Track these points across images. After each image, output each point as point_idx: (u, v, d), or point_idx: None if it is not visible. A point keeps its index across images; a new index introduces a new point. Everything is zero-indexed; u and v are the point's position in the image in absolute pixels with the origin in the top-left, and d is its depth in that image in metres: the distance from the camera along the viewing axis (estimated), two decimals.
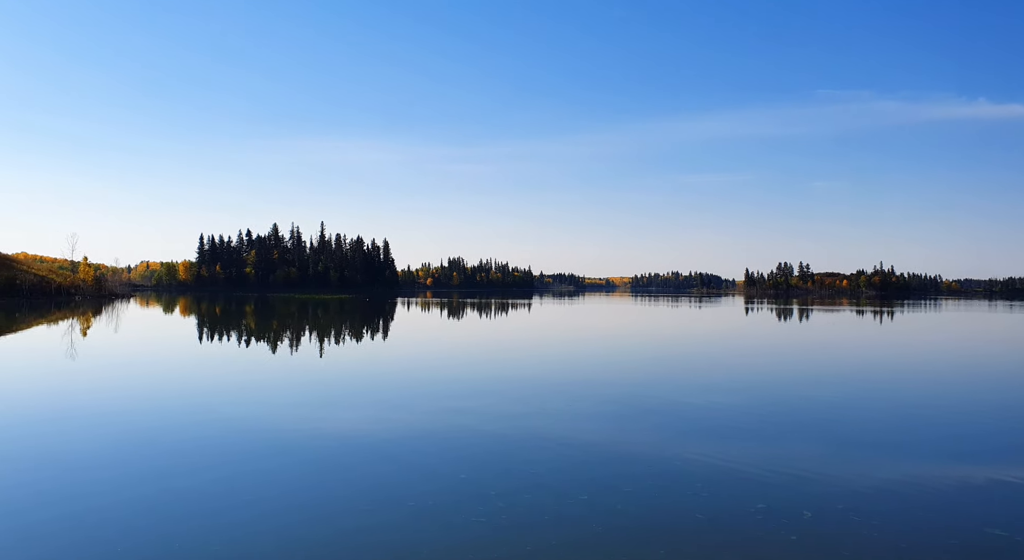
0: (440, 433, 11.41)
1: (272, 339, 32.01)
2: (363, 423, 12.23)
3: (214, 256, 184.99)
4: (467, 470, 9.16)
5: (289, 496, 8.05)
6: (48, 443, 10.59)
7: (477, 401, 14.59)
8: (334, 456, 9.91)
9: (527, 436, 11.23)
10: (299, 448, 10.40)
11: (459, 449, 10.31)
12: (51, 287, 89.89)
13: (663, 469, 9.34)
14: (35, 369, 20.69)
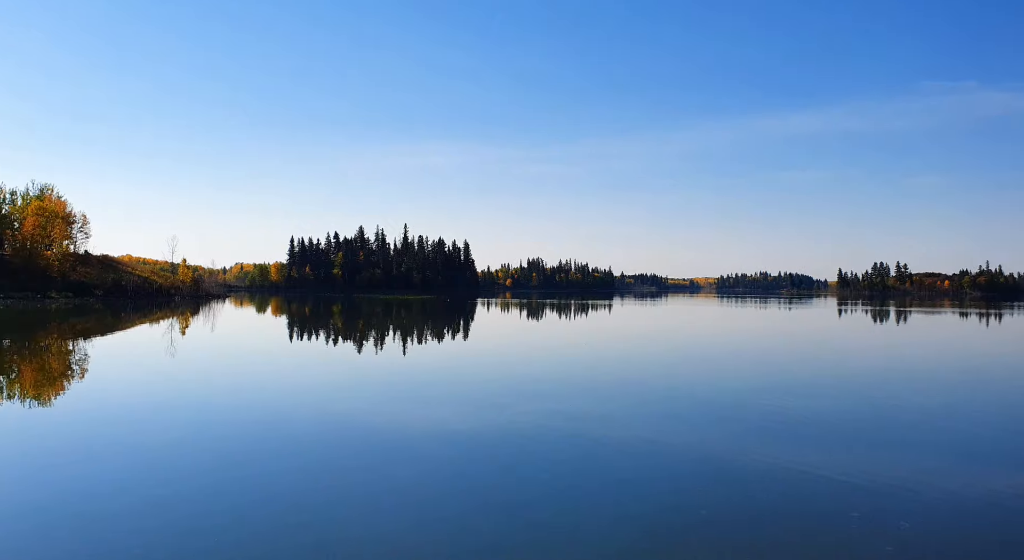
0: (531, 433, 11.22)
1: (359, 338, 32.70)
2: (454, 421, 12.17)
3: (303, 258, 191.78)
4: (551, 469, 8.94)
5: (392, 493, 8.02)
6: (148, 435, 11.01)
7: (566, 402, 14.34)
8: (427, 453, 9.86)
9: (614, 436, 10.90)
10: (390, 445, 10.41)
11: (547, 448, 10.10)
12: (153, 288, 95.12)
13: (754, 474, 8.84)
14: (138, 366, 21.75)
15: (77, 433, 10.97)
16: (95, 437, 10.72)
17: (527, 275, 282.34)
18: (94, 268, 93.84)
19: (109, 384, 16.88)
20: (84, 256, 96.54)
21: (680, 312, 69.88)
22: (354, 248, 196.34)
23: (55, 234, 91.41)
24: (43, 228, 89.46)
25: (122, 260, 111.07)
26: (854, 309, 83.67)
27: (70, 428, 11.36)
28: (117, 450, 9.87)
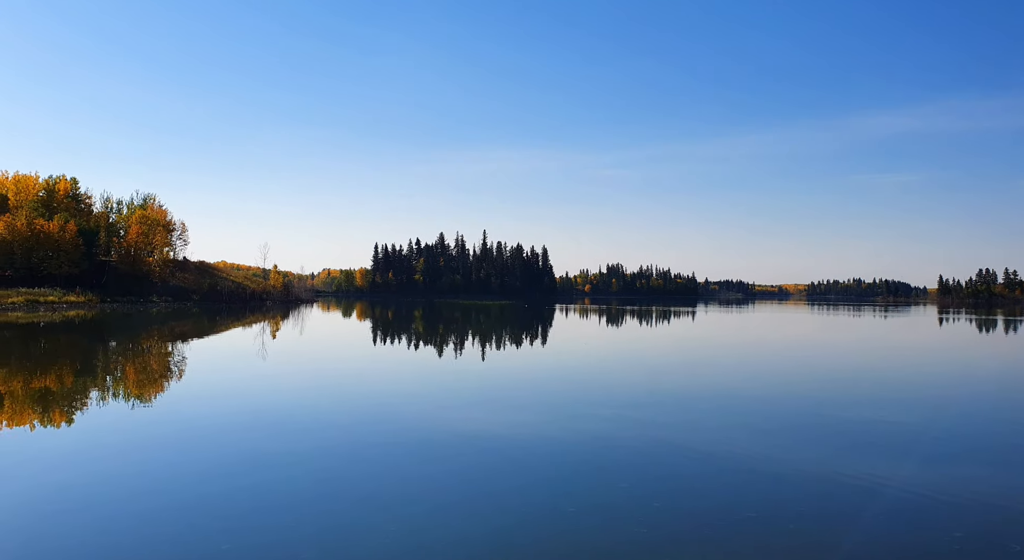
0: (606, 438, 11.00)
1: (440, 342, 33.09)
2: (533, 426, 12.08)
3: (387, 264, 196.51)
4: (630, 478, 8.70)
5: (459, 499, 8.00)
6: (236, 431, 11.39)
7: (643, 410, 14.02)
8: (501, 458, 9.80)
9: (694, 447, 10.54)
10: (466, 449, 10.40)
11: (627, 456, 9.87)
12: (246, 293, 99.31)
13: (850, 493, 8.35)
14: (231, 367, 22.65)
15: (173, 430, 11.44)
16: (189, 433, 11.15)
17: (606, 281, 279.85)
18: (192, 274, 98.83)
19: (203, 384, 17.63)
20: (183, 262, 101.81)
21: (766, 320, 67.64)
22: (435, 254, 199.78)
23: (156, 241, 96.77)
24: (146, 236, 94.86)
25: (217, 266, 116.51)
26: (957, 318, 78.89)
27: (167, 425, 11.86)
28: (207, 445, 10.23)
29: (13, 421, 12.23)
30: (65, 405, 13.95)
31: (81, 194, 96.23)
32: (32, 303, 64.22)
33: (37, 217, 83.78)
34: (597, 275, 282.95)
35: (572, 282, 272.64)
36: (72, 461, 9.47)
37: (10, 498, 7.79)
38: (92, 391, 15.93)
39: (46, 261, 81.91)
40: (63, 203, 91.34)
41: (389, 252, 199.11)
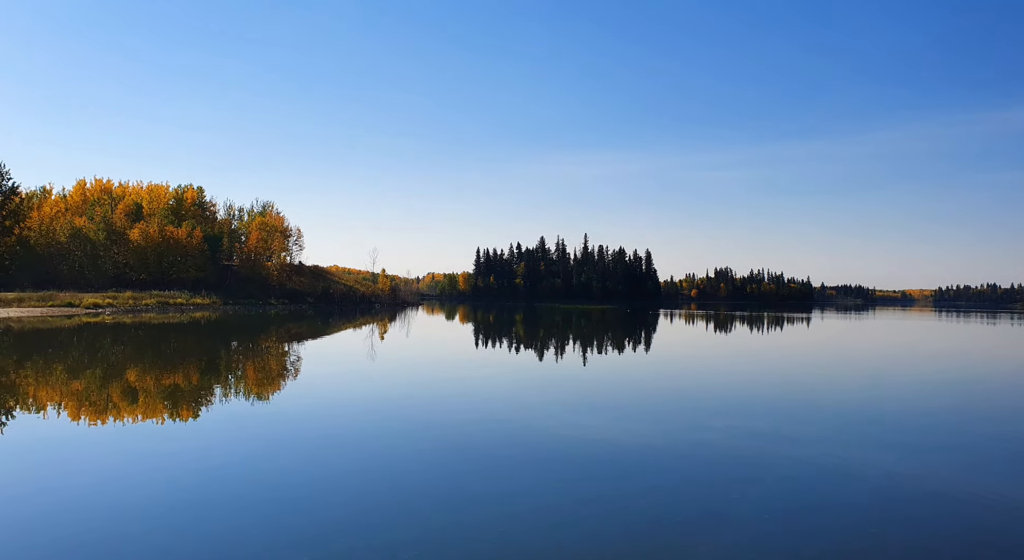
0: (716, 448, 10.53)
1: (540, 346, 33.04)
2: (639, 435, 11.75)
3: (488, 268, 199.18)
4: (747, 492, 8.25)
5: (592, 503, 7.83)
6: (342, 430, 11.67)
7: (755, 420, 13.36)
8: (606, 465, 9.56)
9: (810, 460, 9.90)
10: (573, 456, 10.22)
11: (732, 463, 9.39)
12: (356, 296, 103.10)
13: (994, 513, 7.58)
14: (343, 367, 23.41)
15: (288, 429, 11.86)
16: (306, 432, 11.52)
17: (714, 286, 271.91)
18: (306, 277, 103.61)
19: (319, 384, 18.28)
20: (298, 266, 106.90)
21: (894, 326, 63.61)
22: (535, 258, 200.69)
23: (274, 246, 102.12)
24: (265, 241, 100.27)
25: (330, 270, 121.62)
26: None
27: (282, 424, 12.31)
28: (316, 443, 10.52)
29: (147, 416, 13.03)
30: (192, 401, 14.76)
31: (207, 202, 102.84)
32: (163, 305, 69.08)
33: (168, 224, 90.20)
34: (704, 279, 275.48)
35: (677, 287, 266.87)
36: (204, 454, 9.94)
37: (152, 488, 8.23)
38: (216, 388, 16.82)
39: (175, 266, 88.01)
40: (190, 211, 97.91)
41: (491, 256, 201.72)
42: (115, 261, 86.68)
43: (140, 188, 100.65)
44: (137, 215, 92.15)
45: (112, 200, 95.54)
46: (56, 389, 16.28)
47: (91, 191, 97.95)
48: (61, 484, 8.33)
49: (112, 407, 13.92)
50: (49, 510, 7.36)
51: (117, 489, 8.15)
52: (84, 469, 9.03)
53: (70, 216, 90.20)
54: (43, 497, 7.82)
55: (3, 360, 22.40)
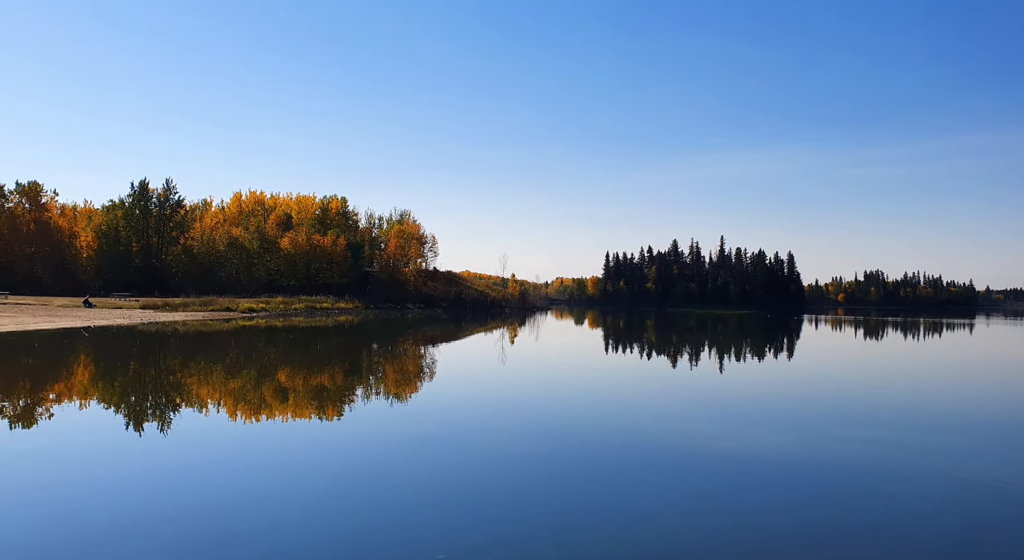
0: (862, 460, 9.62)
1: (673, 352, 32.08)
2: (770, 444, 10.99)
3: (618, 272, 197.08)
4: (889, 507, 7.43)
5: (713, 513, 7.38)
6: (486, 429, 11.70)
7: (894, 431, 12.16)
8: (748, 476, 8.97)
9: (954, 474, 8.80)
10: (714, 465, 9.69)
11: (871, 475, 8.51)
12: (487, 300, 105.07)
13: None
14: (479, 370, 23.75)
15: (429, 428, 12.05)
16: (442, 432, 11.65)
17: (864, 290, 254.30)
18: (440, 283, 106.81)
19: (453, 386, 18.60)
20: (433, 272, 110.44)
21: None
22: (667, 262, 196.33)
23: (411, 253, 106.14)
24: (402, 248, 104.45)
25: (462, 275, 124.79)
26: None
27: (424, 424, 12.53)
28: (458, 444, 10.59)
29: (296, 414, 13.69)
30: (336, 400, 15.38)
31: (350, 211, 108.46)
32: (310, 309, 73.37)
33: (314, 233, 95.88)
34: (852, 283, 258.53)
35: (822, 291, 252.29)
36: (346, 448, 10.26)
37: (293, 482, 8.55)
38: (358, 388, 17.48)
39: (321, 272, 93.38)
40: (335, 220, 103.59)
41: (620, 260, 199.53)
42: (267, 268, 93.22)
43: (290, 199, 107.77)
44: (287, 225, 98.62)
45: (265, 211, 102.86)
46: (216, 388, 17.50)
47: (246, 203, 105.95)
48: (227, 480, 8.81)
49: (265, 405, 14.75)
50: (216, 500, 7.78)
51: (277, 484, 8.52)
52: (249, 466, 9.53)
53: (228, 226, 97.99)
54: (216, 490, 8.29)
55: (171, 360, 24.47)
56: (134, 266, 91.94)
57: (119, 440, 10.91)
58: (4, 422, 12.09)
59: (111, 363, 23.40)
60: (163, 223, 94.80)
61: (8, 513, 7.26)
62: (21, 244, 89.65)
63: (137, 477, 8.75)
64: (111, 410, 13.93)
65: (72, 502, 7.62)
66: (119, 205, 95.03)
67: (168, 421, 12.71)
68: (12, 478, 8.65)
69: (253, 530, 6.80)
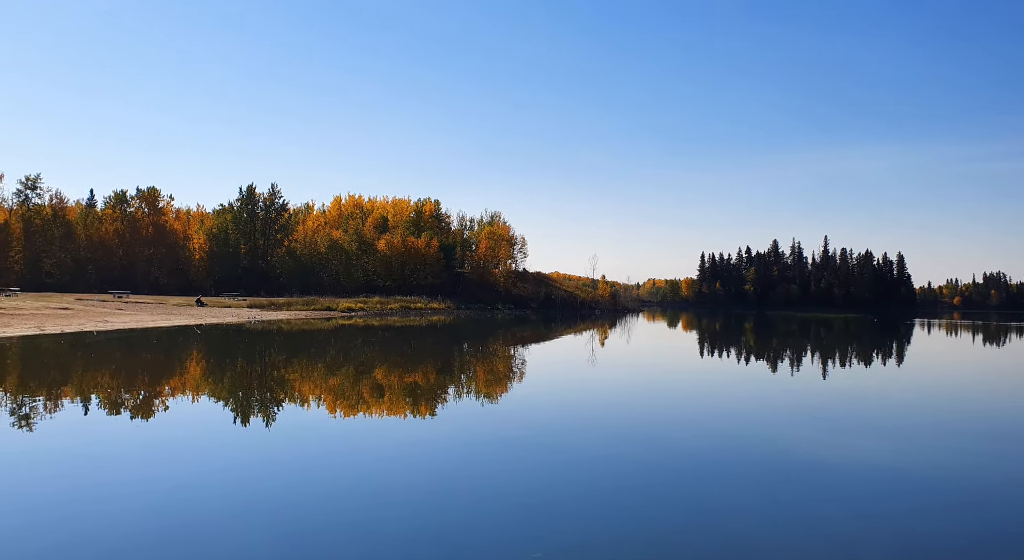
0: (985, 471, 8.93)
1: (773, 357, 30.95)
2: (871, 453, 10.39)
3: (714, 273, 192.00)
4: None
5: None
6: (577, 430, 11.62)
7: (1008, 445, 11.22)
8: (846, 485, 8.50)
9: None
10: (836, 474, 9.26)
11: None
12: (577, 301, 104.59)
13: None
14: (568, 371, 23.68)
15: (517, 430, 12.09)
16: (531, 433, 11.65)
17: (982, 292, 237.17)
18: (530, 284, 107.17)
19: (543, 386, 18.58)
20: (522, 273, 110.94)
21: None
22: (767, 263, 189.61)
23: (501, 254, 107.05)
24: (492, 250, 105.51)
25: (551, 276, 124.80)
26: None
27: (511, 425, 12.58)
28: (549, 446, 10.57)
29: (392, 411, 14.03)
30: (428, 398, 15.67)
31: (442, 214, 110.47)
32: (405, 309, 75.21)
33: (409, 235, 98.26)
34: (969, 286, 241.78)
35: (935, 293, 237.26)
36: (438, 446, 10.43)
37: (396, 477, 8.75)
38: (450, 387, 17.74)
39: (415, 273, 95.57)
40: (428, 222, 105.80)
41: (716, 261, 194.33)
42: (365, 269, 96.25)
43: (386, 202, 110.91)
44: (383, 227, 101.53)
45: (362, 214, 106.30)
46: (317, 384, 18.17)
47: (345, 206, 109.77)
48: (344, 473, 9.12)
49: (363, 402, 15.19)
50: (335, 493, 8.07)
51: (375, 479, 8.75)
52: (348, 461, 9.84)
53: (328, 229, 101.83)
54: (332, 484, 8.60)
55: (276, 357, 25.60)
56: (242, 267, 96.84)
57: (228, 432, 11.48)
58: (126, 413, 12.95)
59: (221, 359, 24.72)
60: (269, 226, 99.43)
61: (130, 500, 7.74)
62: (141, 246, 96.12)
63: (248, 468, 9.17)
64: (220, 404, 14.70)
65: (187, 490, 8.05)
66: (228, 209, 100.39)
67: (273, 416, 13.28)
68: (130, 467, 9.24)
69: (354, 523, 6.99)
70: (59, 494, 7.80)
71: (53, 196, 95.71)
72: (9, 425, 11.36)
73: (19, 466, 8.97)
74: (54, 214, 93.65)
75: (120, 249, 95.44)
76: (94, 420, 12.15)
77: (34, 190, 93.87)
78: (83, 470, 8.89)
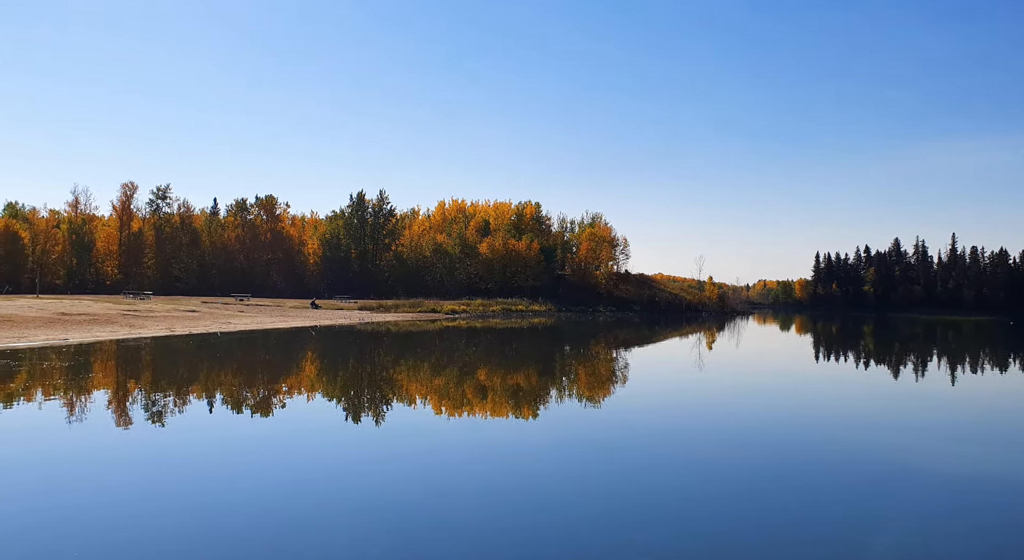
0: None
1: (894, 362, 29.14)
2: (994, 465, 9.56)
3: (830, 274, 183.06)
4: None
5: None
6: (684, 434, 11.35)
7: None
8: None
9: None
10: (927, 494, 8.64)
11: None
12: (682, 304, 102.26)
13: None
14: (674, 375, 23.22)
15: (621, 434, 11.93)
16: (635, 436, 11.47)
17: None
18: (632, 285, 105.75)
19: (648, 389, 18.27)
20: (624, 275, 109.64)
21: None
22: (888, 263, 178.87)
23: (602, 256, 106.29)
24: (593, 251, 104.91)
25: (655, 278, 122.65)
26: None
27: (615, 429, 12.43)
28: (654, 449, 10.36)
29: (495, 412, 14.19)
30: (531, 400, 15.72)
31: (543, 216, 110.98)
32: (506, 311, 75.94)
33: (510, 238, 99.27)
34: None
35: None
36: (541, 448, 10.45)
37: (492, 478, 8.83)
38: (552, 389, 17.75)
39: (516, 275, 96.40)
40: (529, 225, 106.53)
41: (832, 261, 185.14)
42: (467, 272, 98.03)
43: (487, 206, 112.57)
44: (484, 230, 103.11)
45: (465, 218, 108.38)
46: (423, 384, 18.62)
47: (449, 211, 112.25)
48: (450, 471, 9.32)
49: (466, 402, 15.43)
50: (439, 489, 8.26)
51: (477, 478, 8.88)
52: (449, 459, 10.02)
53: (433, 233, 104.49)
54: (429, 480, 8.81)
55: (385, 357, 26.45)
56: (352, 271, 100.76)
57: (342, 429, 11.93)
58: (247, 411, 13.71)
59: (334, 360, 25.79)
60: (377, 231, 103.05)
61: (250, 494, 8.17)
62: (260, 251, 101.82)
63: (362, 464, 9.50)
64: (333, 402, 15.31)
65: (302, 485, 8.42)
66: (340, 215, 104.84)
67: (382, 414, 13.70)
68: (248, 459, 9.76)
69: (464, 520, 7.09)
70: (190, 484, 8.33)
71: (181, 205, 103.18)
72: (143, 419, 12.27)
73: (150, 458, 9.66)
74: (182, 222, 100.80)
75: (241, 254, 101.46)
76: (220, 416, 12.93)
77: (164, 199, 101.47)
78: (214, 461, 9.48)
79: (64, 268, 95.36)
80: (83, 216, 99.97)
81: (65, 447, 10.02)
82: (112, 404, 13.82)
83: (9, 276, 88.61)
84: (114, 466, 9.16)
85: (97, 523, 6.87)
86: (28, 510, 7.16)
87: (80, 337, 27.48)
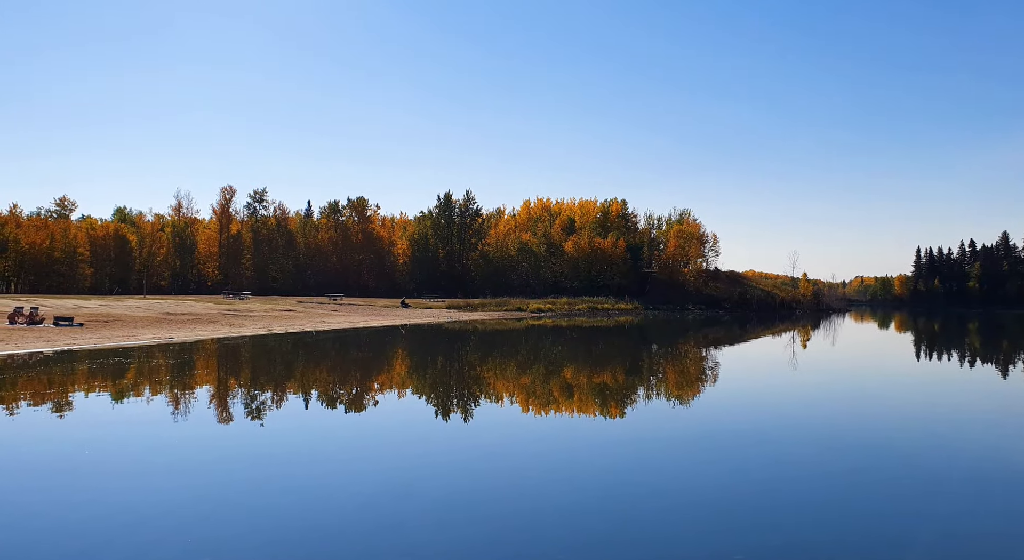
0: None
1: (1004, 361, 27.39)
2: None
3: (931, 270, 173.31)
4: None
5: None
6: (769, 438, 11.17)
7: None
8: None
9: None
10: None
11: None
12: (775, 301, 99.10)
13: None
14: (765, 375, 22.65)
15: (704, 434, 11.82)
16: (717, 437, 11.34)
17: None
18: (722, 283, 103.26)
19: (737, 390, 17.93)
20: (714, 272, 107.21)
21: None
22: (995, 257, 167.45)
23: (691, 253, 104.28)
24: (681, 248, 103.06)
25: (746, 275, 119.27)
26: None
27: (697, 429, 12.32)
28: (736, 451, 10.24)
29: (582, 410, 14.32)
30: (617, 399, 15.74)
31: (629, 214, 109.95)
32: (592, 310, 75.66)
33: (595, 236, 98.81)
34: None
35: None
36: (626, 448, 10.52)
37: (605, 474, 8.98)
38: (639, 389, 17.68)
39: (602, 274, 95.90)
40: (614, 222, 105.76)
41: (934, 256, 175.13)
42: (553, 270, 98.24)
43: (572, 204, 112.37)
44: (570, 229, 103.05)
45: (550, 216, 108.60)
46: (509, 381, 18.91)
47: (534, 210, 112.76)
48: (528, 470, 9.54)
49: (553, 401, 15.60)
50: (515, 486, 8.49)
51: (558, 476, 9.05)
52: (529, 452, 10.23)
53: (518, 232, 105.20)
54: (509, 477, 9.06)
55: (472, 354, 26.96)
56: (440, 270, 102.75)
57: (431, 424, 12.34)
58: (340, 407, 14.34)
59: (423, 358, 26.49)
60: (464, 230, 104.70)
61: (344, 488, 8.61)
62: (351, 252, 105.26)
63: (450, 461, 9.84)
64: (423, 399, 15.80)
65: (393, 479, 8.80)
66: (428, 216, 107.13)
67: (470, 412, 14.06)
68: (343, 452, 10.26)
69: (551, 510, 7.27)
70: (283, 481, 8.85)
71: (277, 208, 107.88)
72: (243, 414, 13.05)
73: (252, 455, 10.29)
74: (278, 224, 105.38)
75: (334, 255, 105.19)
76: (316, 412, 13.60)
77: (261, 202, 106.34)
78: (302, 456, 10.03)
79: (168, 269, 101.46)
80: (185, 219, 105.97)
81: (177, 435, 10.80)
82: (214, 400, 14.74)
83: (118, 277, 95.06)
84: (223, 460, 9.81)
85: (213, 509, 7.43)
86: (161, 488, 7.82)
87: (184, 336, 29.31)
